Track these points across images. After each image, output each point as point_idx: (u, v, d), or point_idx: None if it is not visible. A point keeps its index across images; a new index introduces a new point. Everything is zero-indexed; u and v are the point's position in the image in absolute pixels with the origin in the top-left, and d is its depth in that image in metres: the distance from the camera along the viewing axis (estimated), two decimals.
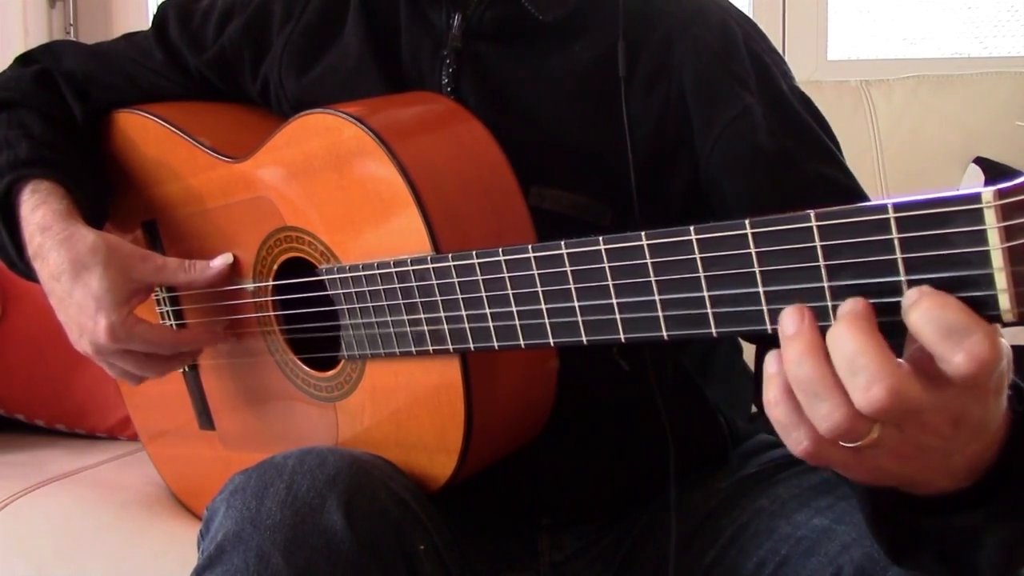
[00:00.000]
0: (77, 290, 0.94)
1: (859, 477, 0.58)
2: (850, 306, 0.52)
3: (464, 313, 0.75)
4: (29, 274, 1.01)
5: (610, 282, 0.64)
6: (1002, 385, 0.54)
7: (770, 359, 0.54)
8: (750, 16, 0.97)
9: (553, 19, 0.91)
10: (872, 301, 0.53)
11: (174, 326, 1.07)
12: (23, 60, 1.13)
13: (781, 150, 0.87)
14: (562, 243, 0.66)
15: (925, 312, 0.49)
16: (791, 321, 0.53)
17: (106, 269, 0.93)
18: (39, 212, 0.97)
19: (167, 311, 1.07)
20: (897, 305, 0.52)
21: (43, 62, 1.11)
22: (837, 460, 0.55)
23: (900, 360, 0.50)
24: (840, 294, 0.54)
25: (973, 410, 0.53)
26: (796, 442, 0.54)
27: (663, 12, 0.92)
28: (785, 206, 0.55)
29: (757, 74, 0.90)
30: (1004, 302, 0.49)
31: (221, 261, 0.97)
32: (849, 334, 0.51)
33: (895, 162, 1.73)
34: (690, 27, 0.91)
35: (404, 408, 0.86)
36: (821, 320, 0.54)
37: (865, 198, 0.83)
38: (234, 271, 0.98)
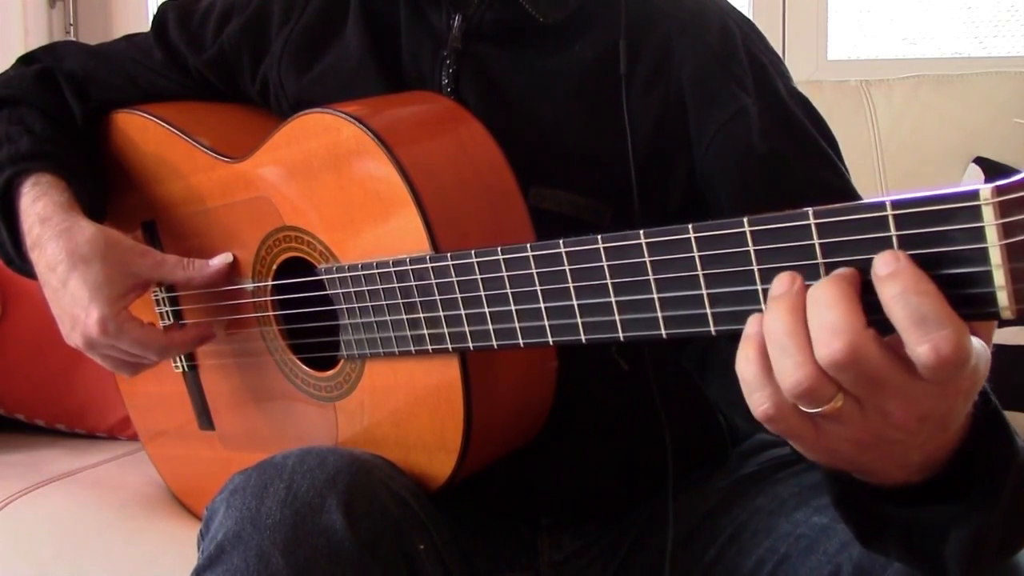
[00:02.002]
0: (72, 281, 0.94)
1: (815, 456, 0.58)
2: (841, 269, 0.52)
3: (463, 313, 0.75)
4: (26, 269, 1.01)
5: (609, 281, 0.64)
6: (974, 388, 0.54)
7: (751, 320, 0.55)
8: (750, 16, 0.97)
9: (553, 21, 0.92)
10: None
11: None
12: (25, 60, 1.14)
13: (774, 153, 0.87)
14: (560, 242, 0.66)
15: (902, 294, 0.49)
16: (781, 284, 0.54)
17: (104, 262, 0.93)
18: (39, 203, 0.98)
19: (166, 311, 1.07)
20: None
21: (45, 61, 1.12)
22: (795, 428, 0.55)
23: (870, 327, 0.50)
24: None
25: (940, 408, 0.54)
26: (759, 402, 0.54)
27: (663, 12, 0.92)
28: (776, 208, 0.55)
29: (755, 75, 0.90)
30: (1002, 299, 0.49)
31: (220, 260, 0.97)
32: (826, 290, 0.51)
33: (895, 162, 1.74)
34: (690, 27, 0.91)
35: (403, 407, 0.86)
36: None
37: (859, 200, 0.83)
38: (233, 271, 0.98)
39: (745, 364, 0.55)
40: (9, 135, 1.03)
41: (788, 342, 0.52)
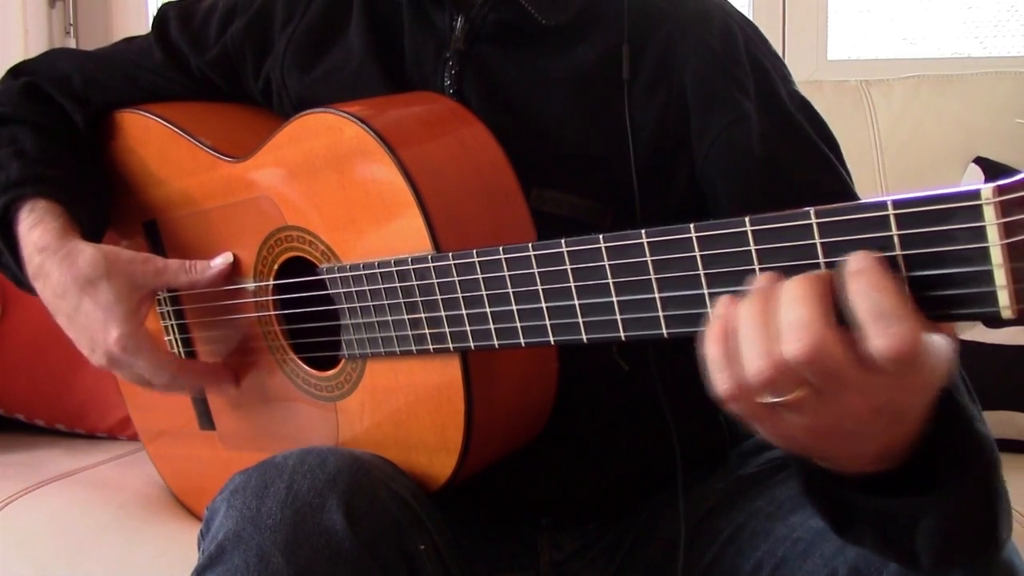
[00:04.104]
0: (85, 303, 0.94)
1: (772, 439, 0.60)
2: (811, 273, 0.54)
3: (464, 312, 0.75)
4: (35, 292, 1.01)
5: (610, 280, 0.64)
6: (933, 384, 0.56)
7: (722, 301, 0.57)
8: (750, 16, 0.97)
9: (555, 23, 0.92)
10: None
11: (177, 337, 1.07)
12: (14, 72, 1.13)
13: (774, 158, 0.88)
14: (562, 241, 0.66)
15: (863, 289, 0.51)
16: (763, 280, 0.56)
17: (110, 280, 0.94)
18: (36, 232, 0.98)
19: (168, 311, 1.07)
20: None
21: (33, 72, 1.11)
22: (754, 412, 0.57)
23: (835, 325, 0.52)
24: None
25: (897, 401, 0.56)
26: (721, 382, 0.56)
27: (665, 14, 0.92)
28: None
29: (756, 79, 0.90)
30: (1003, 299, 0.49)
31: (222, 260, 0.97)
32: (795, 288, 0.53)
33: (895, 162, 1.73)
34: (692, 29, 0.91)
35: (404, 407, 0.86)
36: None
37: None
38: (235, 271, 0.98)
39: (711, 343, 0.56)
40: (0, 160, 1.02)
41: (757, 333, 0.54)
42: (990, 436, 0.65)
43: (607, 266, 0.64)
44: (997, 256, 0.48)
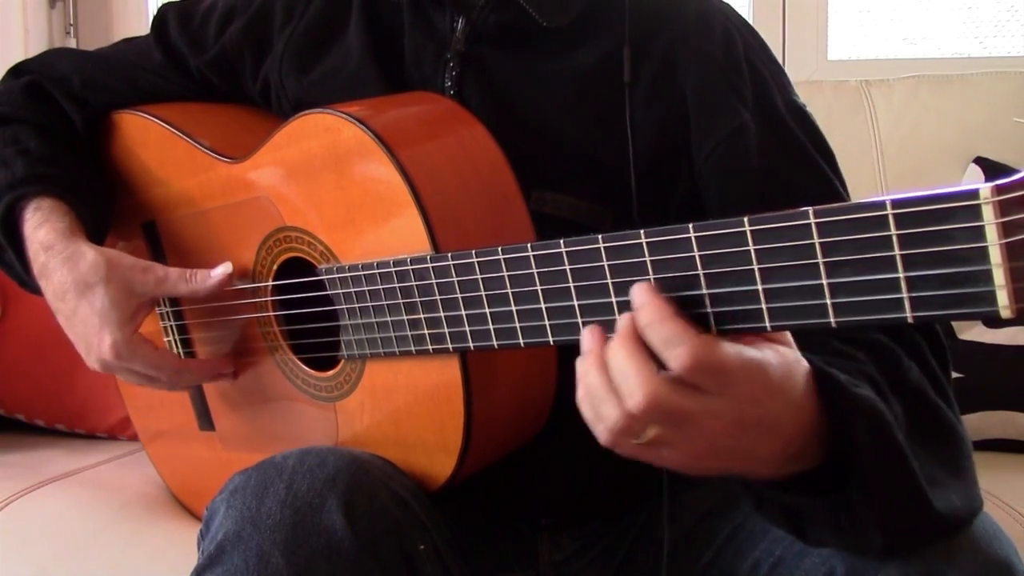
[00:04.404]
0: (82, 308, 0.95)
1: (677, 469, 0.65)
2: (621, 323, 0.61)
3: (463, 313, 0.75)
4: (40, 291, 1.01)
5: (609, 280, 0.64)
6: (767, 390, 0.60)
7: (578, 364, 0.64)
8: (750, 16, 0.97)
9: (556, 25, 0.92)
10: (870, 298, 0.53)
11: (176, 338, 1.07)
12: (15, 72, 1.13)
13: (770, 169, 0.88)
14: (561, 242, 0.66)
15: (649, 324, 0.59)
16: (587, 339, 0.63)
17: (108, 286, 0.94)
18: (41, 231, 0.98)
19: (167, 312, 1.07)
20: (896, 302, 0.52)
21: (35, 72, 1.11)
22: (635, 453, 0.63)
23: (661, 372, 0.59)
24: (839, 291, 0.54)
25: (750, 412, 0.60)
26: (598, 435, 0.63)
27: (666, 19, 0.92)
28: None
29: (755, 89, 0.90)
30: (1002, 298, 0.49)
31: (222, 270, 0.96)
32: (617, 349, 0.60)
33: (895, 162, 1.73)
34: (694, 35, 0.91)
35: (404, 408, 0.86)
36: (821, 318, 0.55)
37: None
38: (234, 272, 0.98)
39: (580, 403, 0.64)
40: (4, 159, 1.02)
41: (601, 393, 0.61)
42: (873, 398, 0.67)
43: (606, 266, 0.64)
44: (996, 255, 0.48)
